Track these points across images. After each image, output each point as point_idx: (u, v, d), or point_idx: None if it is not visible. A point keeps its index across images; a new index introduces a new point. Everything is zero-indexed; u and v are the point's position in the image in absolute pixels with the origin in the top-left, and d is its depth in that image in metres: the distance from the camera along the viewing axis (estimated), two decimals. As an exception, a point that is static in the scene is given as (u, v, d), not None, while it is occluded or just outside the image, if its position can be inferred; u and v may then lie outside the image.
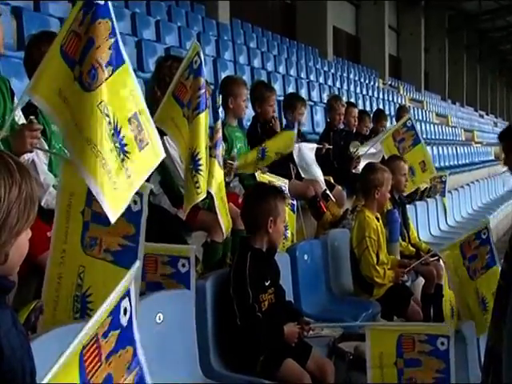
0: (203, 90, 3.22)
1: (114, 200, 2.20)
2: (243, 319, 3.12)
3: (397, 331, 3.07)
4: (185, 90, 3.30)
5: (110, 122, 2.22)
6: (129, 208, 2.30)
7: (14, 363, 1.43)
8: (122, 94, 2.31)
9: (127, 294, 1.27)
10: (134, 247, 2.37)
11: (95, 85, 2.23)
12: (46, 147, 3.08)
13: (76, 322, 2.39)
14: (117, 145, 2.23)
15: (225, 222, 3.65)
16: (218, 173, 3.72)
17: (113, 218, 2.20)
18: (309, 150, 5.62)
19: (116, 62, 2.28)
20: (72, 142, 2.27)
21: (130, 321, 1.28)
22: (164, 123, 3.36)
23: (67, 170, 2.47)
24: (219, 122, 3.97)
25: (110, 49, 2.26)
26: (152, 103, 3.75)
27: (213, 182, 3.69)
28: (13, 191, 1.43)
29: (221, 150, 3.92)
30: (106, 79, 2.25)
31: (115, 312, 1.23)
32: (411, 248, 5.45)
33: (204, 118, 3.24)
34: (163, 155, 2.47)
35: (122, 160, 2.25)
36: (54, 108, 2.32)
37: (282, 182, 4.75)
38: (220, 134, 3.89)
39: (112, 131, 2.23)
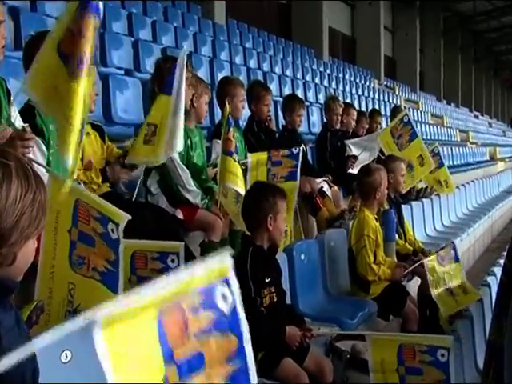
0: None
1: None
2: (246, 312, 3.11)
3: (397, 341, 3.08)
4: (229, 142, 3.61)
5: None
6: (108, 235, 2.30)
7: (14, 364, 1.44)
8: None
9: (226, 281, 1.18)
10: (116, 272, 2.34)
11: (78, 73, 2.33)
12: (44, 148, 3.06)
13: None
14: None
15: None
16: (237, 169, 3.91)
17: None
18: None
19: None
20: (62, 136, 2.38)
21: (234, 311, 1.22)
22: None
23: (54, 186, 2.42)
24: (232, 130, 3.99)
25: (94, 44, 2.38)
26: (150, 104, 3.79)
27: (236, 179, 3.81)
28: (28, 195, 1.46)
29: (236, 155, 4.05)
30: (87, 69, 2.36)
31: (208, 293, 1.16)
32: (408, 246, 5.46)
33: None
34: None
35: None
36: (48, 103, 2.36)
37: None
38: (234, 143, 3.99)
39: None
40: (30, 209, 1.47)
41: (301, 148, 4.60)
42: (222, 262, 1.17)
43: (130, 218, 2.25)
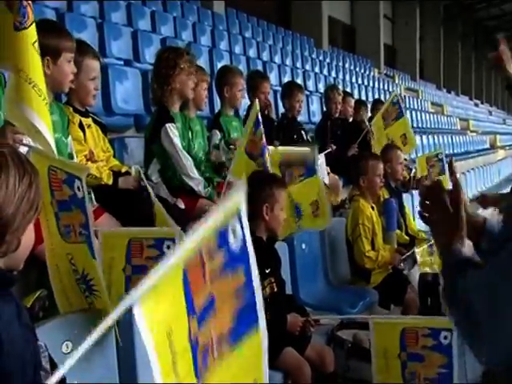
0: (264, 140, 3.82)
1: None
2: None
3: (400, 324, 3.07)
4: (254, 144, 3.86)
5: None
6: (76, 196, 2.26)
7: (12, 357, 1.43)
8: None
9: (238, 215, 1.14)
10: (88, 235, 2.30)
11: (27, 23, 2.26)
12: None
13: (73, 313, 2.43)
14: None
15: None
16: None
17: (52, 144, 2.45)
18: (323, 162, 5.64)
19: None
20: (15, 85, 2.35)
21: (243, 245, 1.17)
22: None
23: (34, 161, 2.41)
24: (260, 132, 3.86)
25: None
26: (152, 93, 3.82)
27: None
28: (25, 180, 1.49)
29: (267, 156, 3.92)
30: None
31: (223, 233, 1.12)
32: (405, 237, 5.47)
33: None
34: None
35: None
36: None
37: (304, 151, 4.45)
38: (261, 146, 3.89)
39: None
40: (29, 192, 1.50)
41: (317, 166, 4.36)
42: (235, 198, 1.13)
43: (90, 170, 2.23)
